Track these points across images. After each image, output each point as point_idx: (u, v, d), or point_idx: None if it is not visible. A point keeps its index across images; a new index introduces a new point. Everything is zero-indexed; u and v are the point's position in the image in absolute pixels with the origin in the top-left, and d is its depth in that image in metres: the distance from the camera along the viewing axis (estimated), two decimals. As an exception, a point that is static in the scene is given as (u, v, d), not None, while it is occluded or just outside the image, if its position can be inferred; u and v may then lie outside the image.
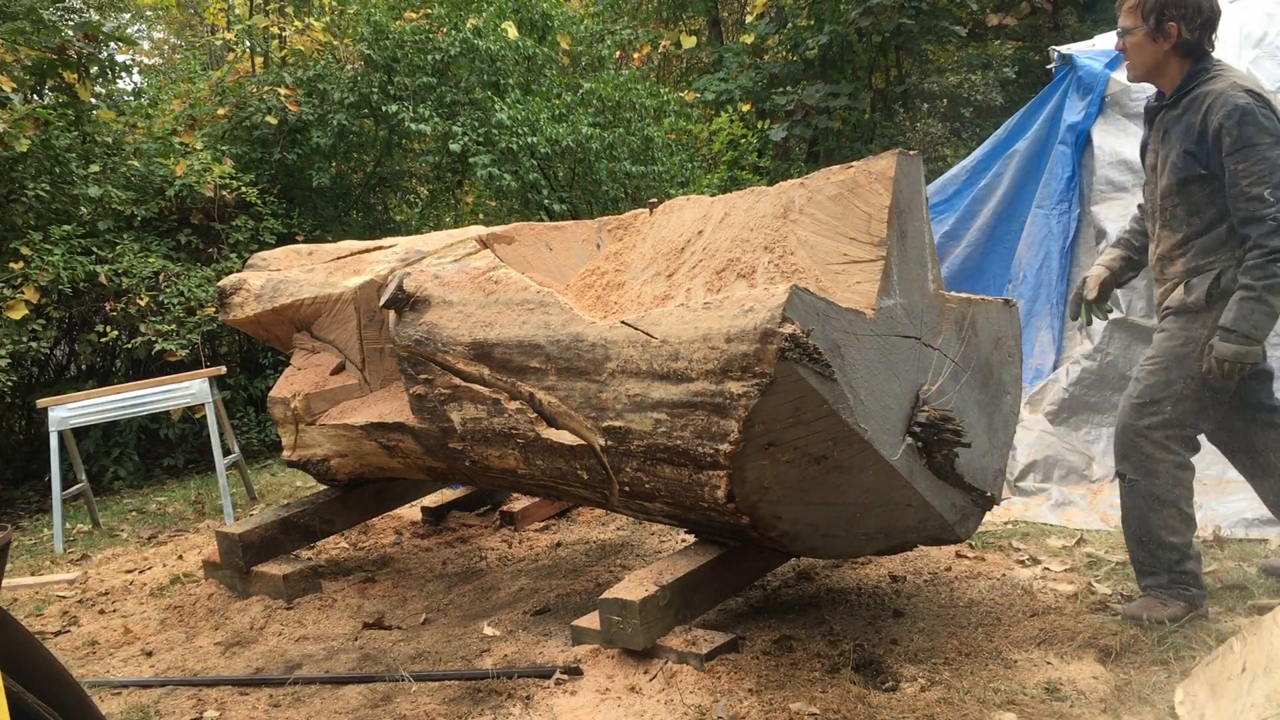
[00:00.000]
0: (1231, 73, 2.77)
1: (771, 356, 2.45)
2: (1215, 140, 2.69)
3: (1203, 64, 2.80)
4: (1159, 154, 2.90)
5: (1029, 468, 4.57)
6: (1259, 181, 2.63)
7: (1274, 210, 2.61)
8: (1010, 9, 12.40)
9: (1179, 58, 2.82)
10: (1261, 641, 2.22)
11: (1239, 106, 2.65)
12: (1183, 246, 2.85)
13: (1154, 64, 2.86)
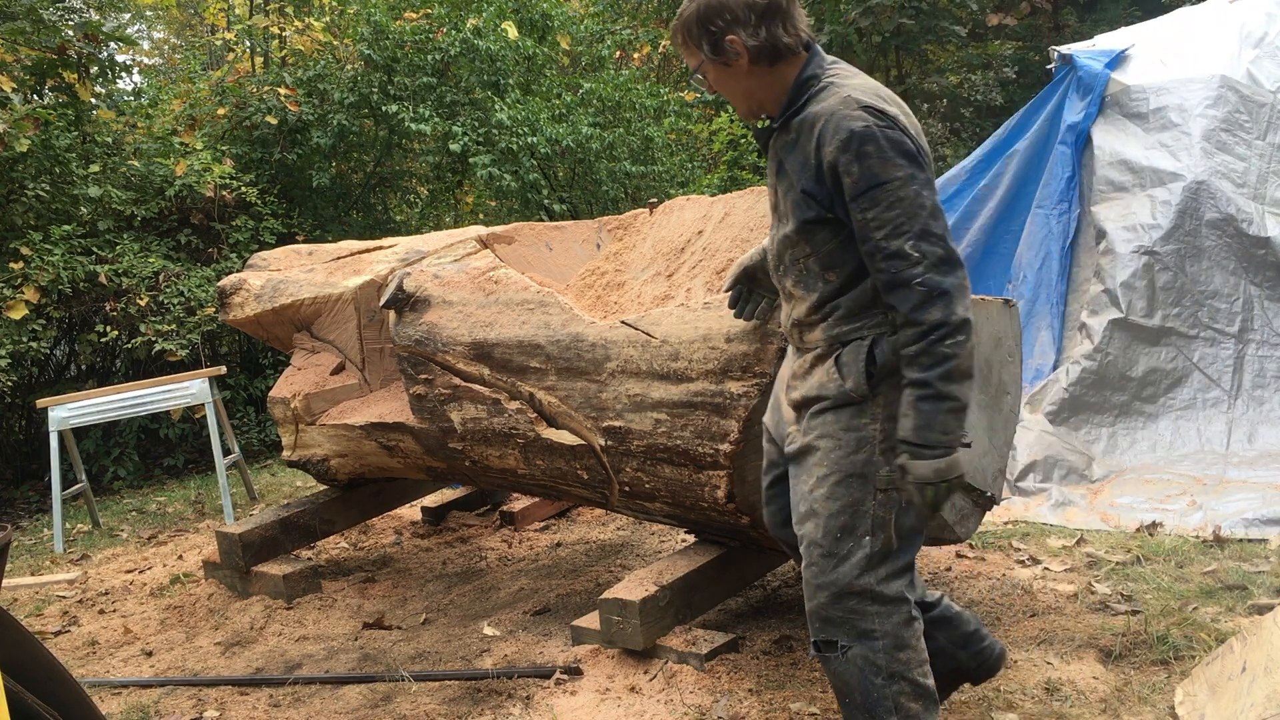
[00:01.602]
0: (848, 80, 2.05)
1: (772, 356, 2.45)
2: (834, 180, 1.97)
3: (808, 70, 2.08)
4: (778, 192, 2.15)
5: (1029, 468, 4.57)
6: (895, 233, 1.92)
7: (921, 271, 1.91)
8: (1010, 9, 12.39)
9: (768, 68, 2.08)
10: (1261, 641, 2.22)
11: (855, 133, 1.92)
12: (820, 310, 2.09)
13: (748, 92, 2.13)
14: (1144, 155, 5.31)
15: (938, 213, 1.95)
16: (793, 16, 2.07)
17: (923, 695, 2.09)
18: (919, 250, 1.91)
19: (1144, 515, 4.03)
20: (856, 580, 2.06)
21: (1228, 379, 4.91)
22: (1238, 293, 5.01)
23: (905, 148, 1.93)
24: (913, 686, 2.07)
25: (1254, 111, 5.25)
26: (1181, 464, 4.64)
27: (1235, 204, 5.03)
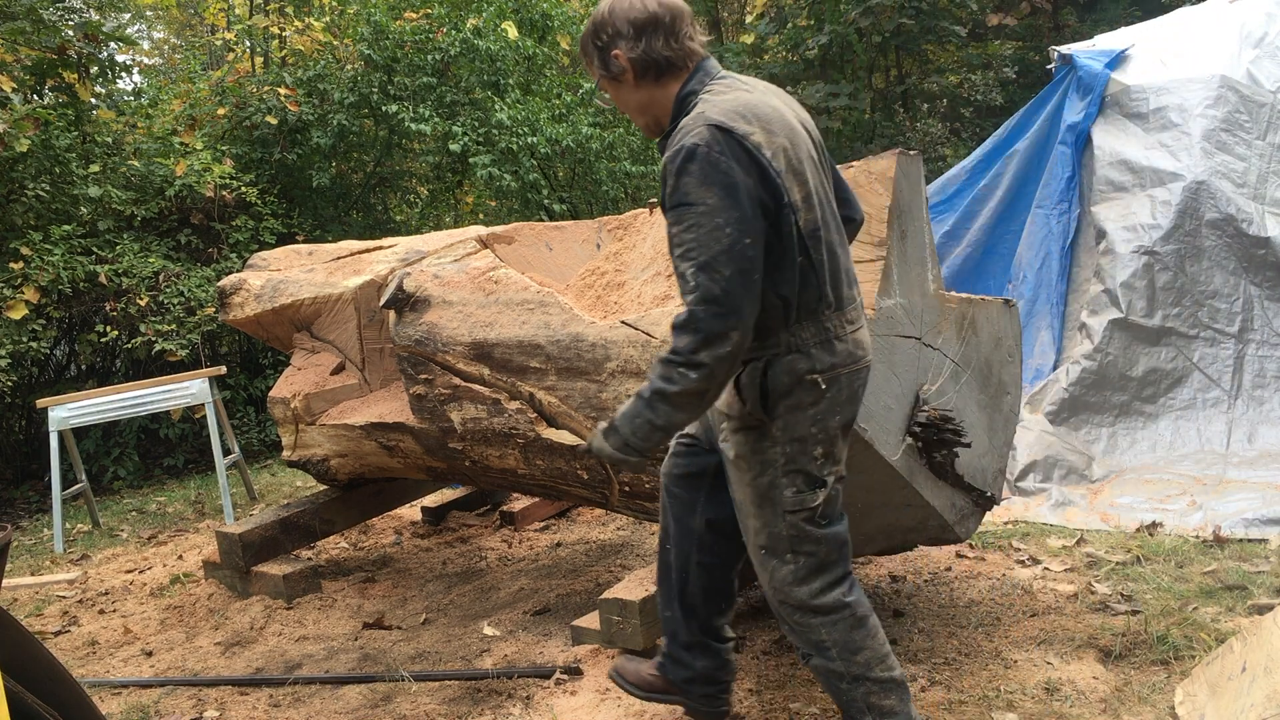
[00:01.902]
0: (719, 96, 1.98)
1: (771, 356, 2.45)
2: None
3: (689, 86, 2.06)
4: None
5: (1029, 468, 4.57)
6: (684, 256, 1.86)
7: (691, 300, 1.86)
8: (1010, 9, 12.39)
9: (655, 84, 2.08)
10: (1261, 641, 2.22)
11: (685, 149, 1.87)
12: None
13: (640, 107, 2.12)
14: (1144, 155, 5.31)
15: (735, 255, 1.84)
16: (677, 31, 2.06)
17: (891, 689, 2.10)
18: (696, 280, 1.85)
19: (1144, 515, 4.03)
20: (791, 596, 2.09)
21: (1228, 379, 4.92)
22: (1238, 293, 5.01)
23: (727, 179, 1.85)
24: (878, 684, 2.10)
25: (1254, 111, 5.25)
26: (1181, 464, 4.64)
27: (1235, 204, 5.03)
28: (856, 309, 2.06)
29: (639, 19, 2.04)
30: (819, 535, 2.07)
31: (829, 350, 1.99)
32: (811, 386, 1.98)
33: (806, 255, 1.94)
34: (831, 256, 1.99)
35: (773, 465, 2.04)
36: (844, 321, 2.01)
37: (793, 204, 1.92)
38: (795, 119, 2.04)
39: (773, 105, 2.00)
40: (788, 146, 1.94)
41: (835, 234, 2.03)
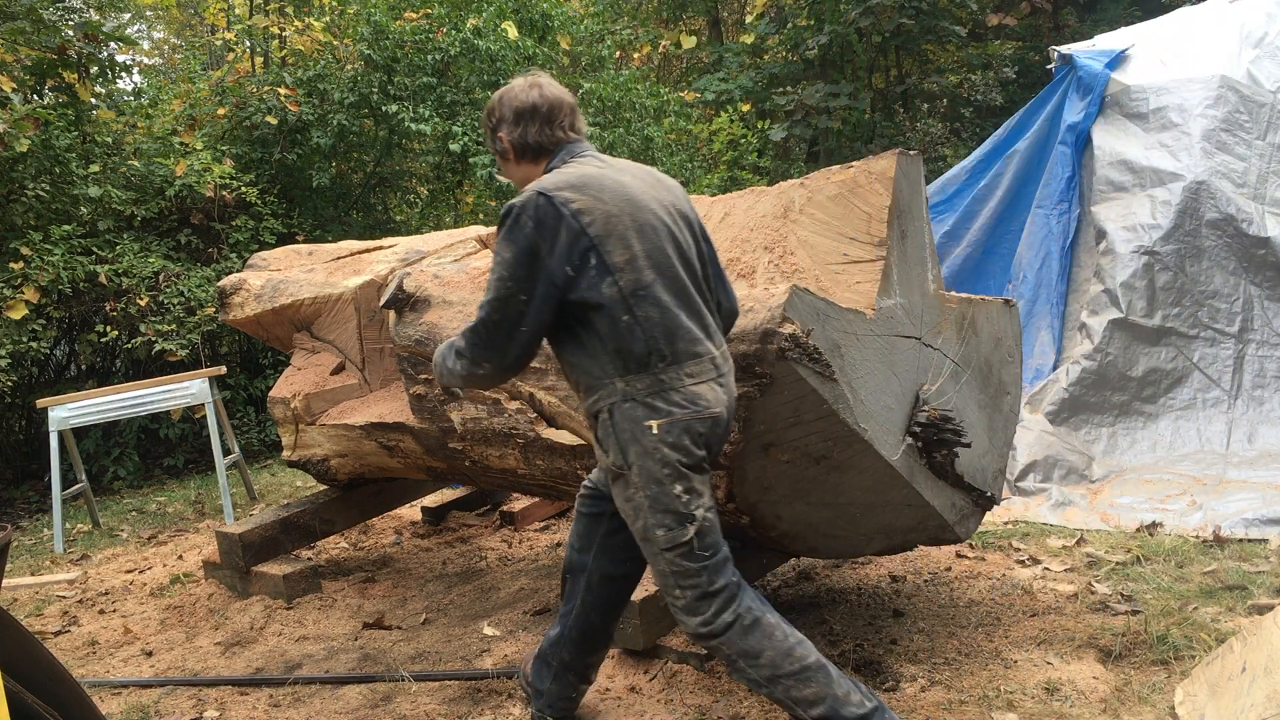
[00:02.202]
0: (566, 170, 2.26)
1: (771, 356, 2.45)
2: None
3: (554, 163, 2.34)
4: None
5: (1029, 468, 4.57)
6: (486, 291, 2.19)
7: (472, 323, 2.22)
8: (1010, 9, 12.39)
9: (532, 164, 2.37)
10: (1261, 641, 2.22)
11: (508, 208, 2.16)
12: (570, 380, 2.31)
13: (521, 181, 2.38)
14: (1144, 155, 5.31)
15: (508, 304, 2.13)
16: (551, 121, 2.33)
17: (808, 677, 2.19)
18: (479, 314, 2.20)
19: (1144, 515, 4.03)
20: (687, 627, 2.24)
21: (1228, 379, 4.92)
22: (1238, 293, 5.01)
23: (526, 241, 2.12)
24: (792, 678, 2.19)
25: (1254, 111, 5.25)
26: (1181, 464, 4.64)
27: (1235, 204, 5.03)
28: (702, 364, 2.20)
29: (520, 108, 2.35)
30: (698, 568, 2.20)
31: (664, 399, 2.15)
32: (647, 432, 2.14)
33: (631, 313, 2.13)
34: (665, 315, 2.15)
35: (641, 509, 2.20)
36: (682, 374, 2.16)
37: (612, 265, 2.13)
38: (654, 198, 2.26)
39: (618, 181, 2.23)
40: (615, 214, 2.15)
41: (672, 295, 2.18)
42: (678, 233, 2.26)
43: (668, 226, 2.24)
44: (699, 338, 2.20)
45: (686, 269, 2.24)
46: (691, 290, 2.24)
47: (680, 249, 2.25)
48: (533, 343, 2.18)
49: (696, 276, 2.27)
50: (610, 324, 2.14)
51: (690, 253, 2.28)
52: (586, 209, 2.14)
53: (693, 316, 2.22)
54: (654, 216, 2.22)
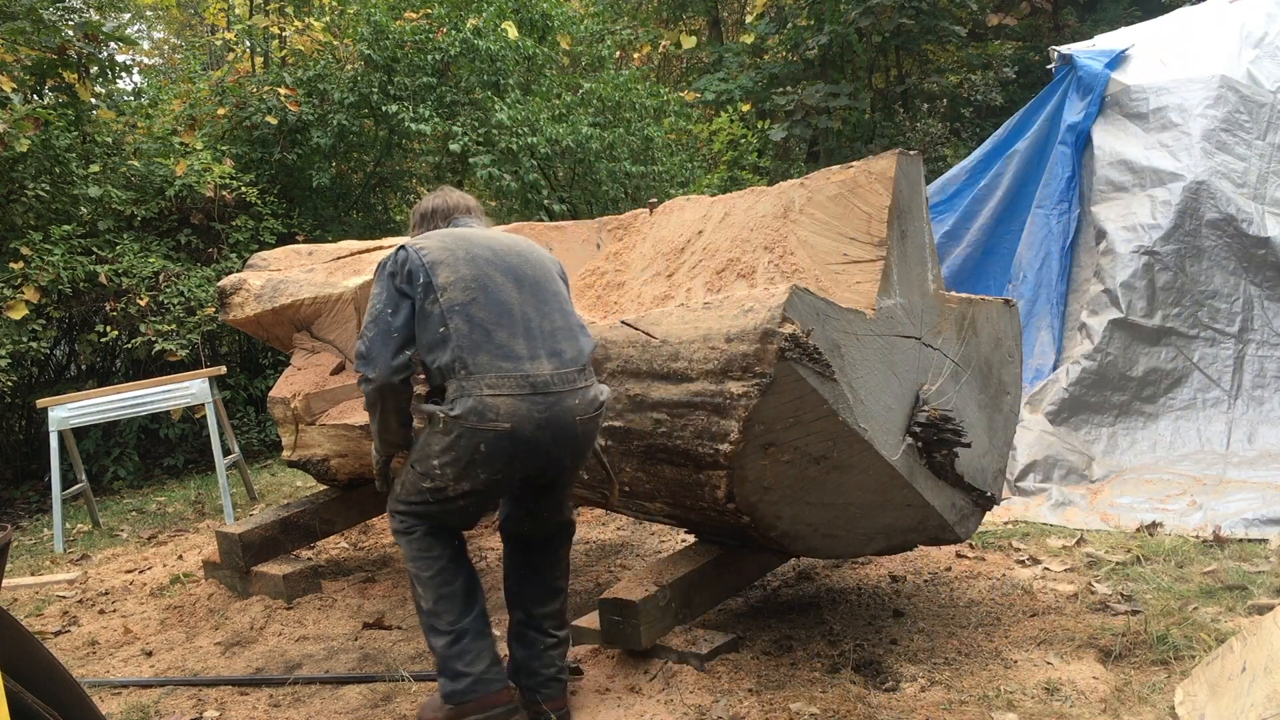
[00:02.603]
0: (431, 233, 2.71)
1: (771, 356, 2.45)
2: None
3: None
4: None
5: (1029, 468, 4.57)
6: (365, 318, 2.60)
7: (359, 346, 2.55)
8: (1010, 9, 12.39)
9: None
10: (1261, 641, 2.22)
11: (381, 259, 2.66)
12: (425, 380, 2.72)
13: None
14: (1144, 155, 5.31)
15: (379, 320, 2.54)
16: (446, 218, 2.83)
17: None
18: (362, 335, 2.57)
19: (1144, 515, 4.03)
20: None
21: (1228, 379, 4.92)
22: (1238, 293, 5.01)
23: (387, 275, 2.57)
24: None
25: (1254, 111, 5.25)
26: (1181, 464, 4.64)
27: (1235, 204, 5.03)
28: (506, 379, 2.44)
29: (424, 212, 2.89)
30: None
31: (459, 403, 2.43)
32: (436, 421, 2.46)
33: (445, 326, 2.47)
34: (475, 330, 2.46)
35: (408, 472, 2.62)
36: (481, 384, 2.43)
37: (438, 286, 2.49)
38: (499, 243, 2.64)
39: (464, 233, 2.66)
40: (450, 249, 2.56)
41: (490, 315, 2.48)
42: (519, 266, 2.60)
43: (505, 261, 2.59)
44: (518, 356, 2.47)
45: (522, 296, 2.56)
46: (523, 316, 2.53)
47: (518, 279, 2.57)
48: (403, 348, 2.52)
49: (539, 308, 2.57)
50: (431, 334, 2.48)
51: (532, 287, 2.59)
52: (428, 248, 2.56)
53: (516, 337, 2.49)
54: (488, 252, 2.59)
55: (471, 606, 2.56)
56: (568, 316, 2.62)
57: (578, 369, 2.54)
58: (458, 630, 2.51)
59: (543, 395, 2.45)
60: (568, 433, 2.50)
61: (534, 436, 2.45)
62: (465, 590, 2.56)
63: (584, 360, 2.57)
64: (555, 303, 2.61)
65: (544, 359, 2.49)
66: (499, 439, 2.42)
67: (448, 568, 2.57)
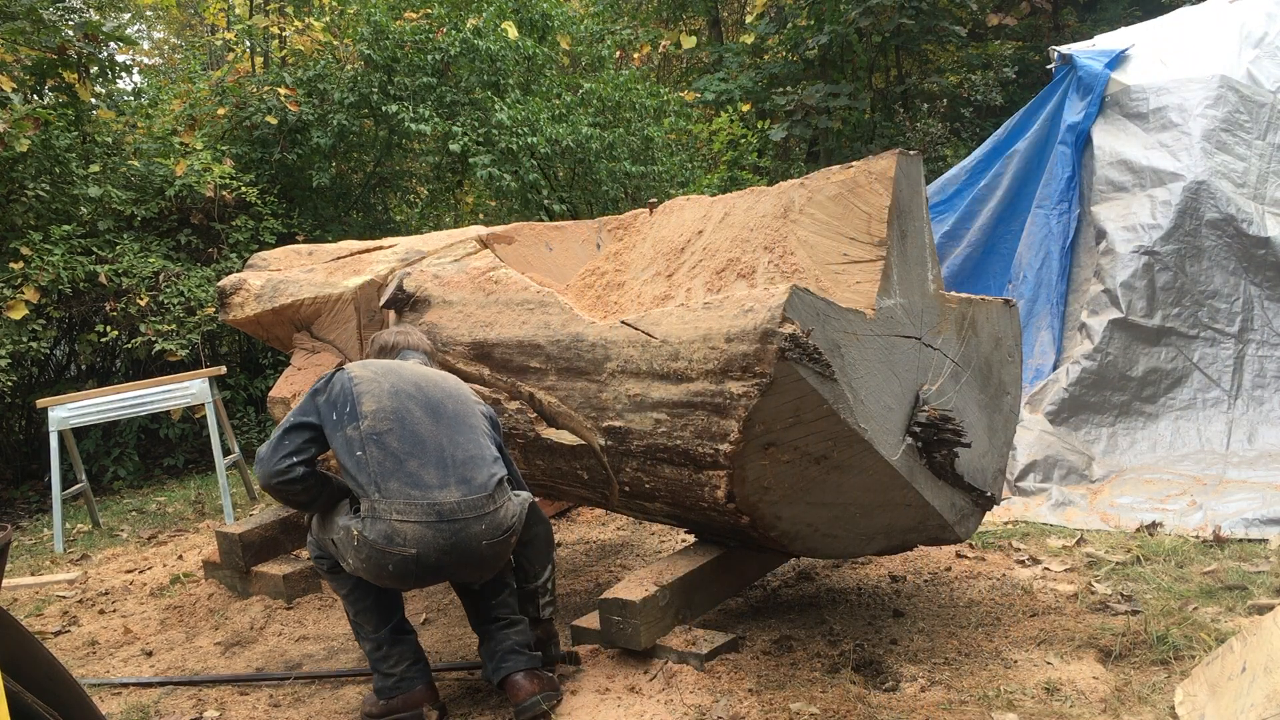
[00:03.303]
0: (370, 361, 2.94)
1: (771, 356, 2.45)
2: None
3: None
4: None
5: (1029, 468, 4.57)
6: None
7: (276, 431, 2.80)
8: (1010, 9, 12.40)
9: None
10: (1261, 641, 2.22)
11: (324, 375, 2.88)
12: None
13: None
14: (1144, 155, 5.31)
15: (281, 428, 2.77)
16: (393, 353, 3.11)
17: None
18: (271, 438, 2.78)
19: (1144, 515, 4.03)
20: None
21: (1228, 379, 4.92)
22: (1238, 293, 5.01)
23: (314, 392, 2.80)
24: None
25: (1254, 111, 5.25)
26: (1181, 464, 4.64)
27: (1235, 204, 5.03)
28: (414, 506, 2.58)
29: (382, 345, 3.16)
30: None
31: (370, 526, 2.59)
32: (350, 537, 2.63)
33: (363, 450, 2.64)
34: (390, 460, 2.63)
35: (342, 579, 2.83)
36: (391, 509, 2.58)
37: (361, 414, 2.68)
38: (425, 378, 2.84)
39: (393, 365, 2.88)
40: (378, 379, 2.77)
41: (404, 445, 2.65)
42: (441, 402, 2.78)
43: (426, 396, 2.77)
44: (427, 484, 2.61)
45: (438, 429, 2.72)
46: (436, 447, 2.68)
47: (436, 413, 2.74)
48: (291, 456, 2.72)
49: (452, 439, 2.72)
50: (351, 457, 2.65)
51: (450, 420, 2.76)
52: (359, 377, 2.78)
53: (427, 467, 2.64)
54: (412, 387, 2.78)
55: (387, 618, 2.77)
56: (482, 449, 2.75)
57: (486, 495, 2.66)
58: (377, 639, 2.75)
59: (448, 523, 2.59)
60: (473, 556, 2.64)
61: (439, 561, 2.60)
62: (377, 605, 2.77)
63: (493, 485, 2.69)
64: (470, 435, 2.76)
65: (453, 487, 2.63)
66: (405, 561, 2.58)
67: (358, 586, 2.77)
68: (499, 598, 2.81)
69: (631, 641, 2.85)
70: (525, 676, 2.69)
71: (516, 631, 2.78)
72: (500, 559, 2.73)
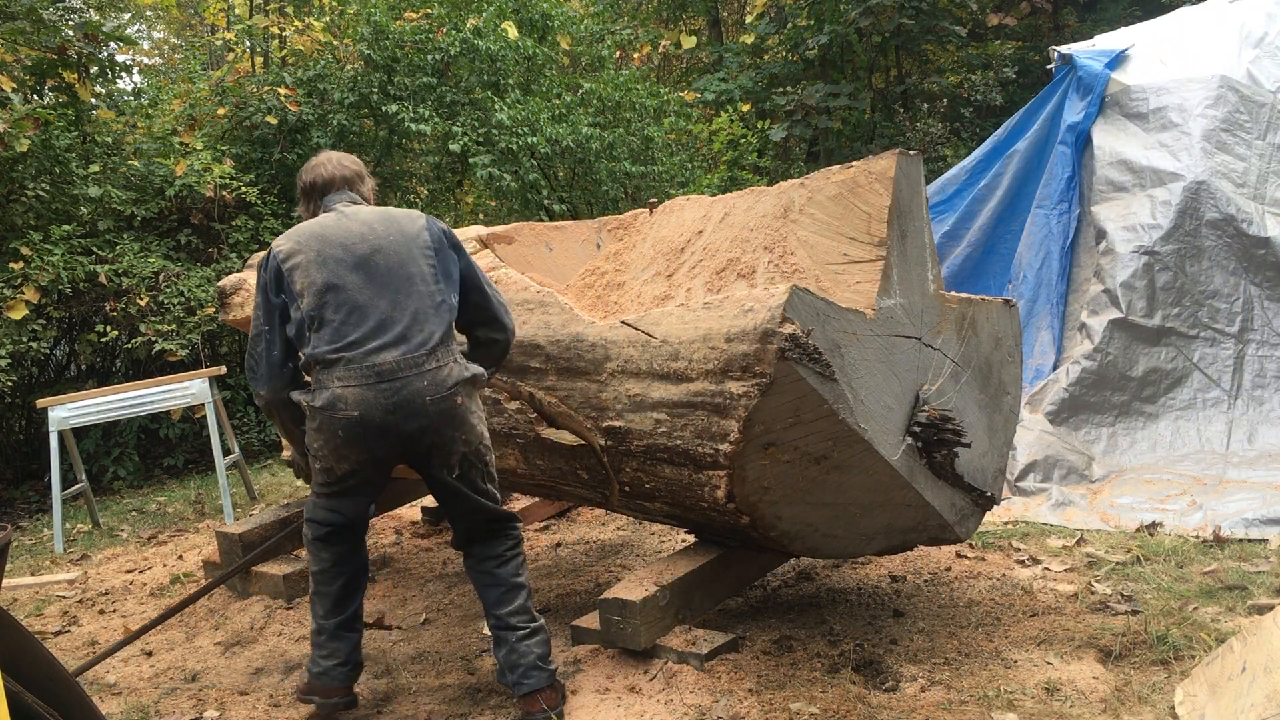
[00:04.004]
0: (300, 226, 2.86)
1: (771, 356, 2.45)
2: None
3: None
4: None
5: (1029, 468, 4.57)
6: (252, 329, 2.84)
7: (249, 354, 2.84)
8: (1010, 9, 12.40)
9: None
10: (1261, 641, 2.22)
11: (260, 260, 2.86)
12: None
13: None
14: (1144, 155, 5.31)
15: (259, 338, 2.78)
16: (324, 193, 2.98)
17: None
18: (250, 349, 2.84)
19: (1144, 515, 4.03)
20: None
21: (1228, 379, 4.92)
22: (1238, 293, 5.01)
23: (263, 282, 2.76)
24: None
25: (1254, 111, 5.25)
26: (1181, 464, 4.64)
27: (1235, 204, 5.03)
28: (352, 369, 2.62)
29: (303, 188, 3.05)
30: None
31: (317, 395, 2.66)
32: (304, 412, 2.70)
33: (307, 329, 2.67)
34: (327, 329, 2.65)
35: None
36: (333, 377, 2.64)
37: (295, 292, 2.68)
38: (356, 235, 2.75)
39: (320, 234, 2.76)
40: (308, 250, 2.72)
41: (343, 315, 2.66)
42: (370, 258, 2.72)
43: (357, 255, 2.72)
44: (365, 348, 2.63)
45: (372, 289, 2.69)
46: (374, 309, 2.67)
47: (369, 273, 2.70)
48: (286, 360, 2.76)
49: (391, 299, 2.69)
50: (299, 338, 2.70)
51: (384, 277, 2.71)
52: (286, 251, 2.73)
53: (365, 331, 2.65)
54: (339, 250, 2.72)
55: (340, 609, 2.83)
56: (422, 299, 2.72)
57: (426, 352, 2.66)
58: (320, 624, 2.83)
59: (388, 382, 2.61)
60: (418, 414, 2.63)
61: (384, 421, 2.62)
62: (338, 594, 2.83)
63: (434, 343, 2.68)
64: (409, 287, 2.72)
65: (391, 348, 2.64)
66: (351, 425, 2.62)
67: (329, 570, 2.83)
68: (516, 604, 2.79)
69: (631, 641, 2.85)
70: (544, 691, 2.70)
71: (538, 643, 2.75)
72: (451, 418, 2.68)
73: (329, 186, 3.00)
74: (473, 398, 2.78)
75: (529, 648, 2.73)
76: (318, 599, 2.84)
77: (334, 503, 2.79)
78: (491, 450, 2.85)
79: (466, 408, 2.72)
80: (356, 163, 3.15)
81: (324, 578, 2.83)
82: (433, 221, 2.88)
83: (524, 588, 2.83)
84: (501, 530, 2.86)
